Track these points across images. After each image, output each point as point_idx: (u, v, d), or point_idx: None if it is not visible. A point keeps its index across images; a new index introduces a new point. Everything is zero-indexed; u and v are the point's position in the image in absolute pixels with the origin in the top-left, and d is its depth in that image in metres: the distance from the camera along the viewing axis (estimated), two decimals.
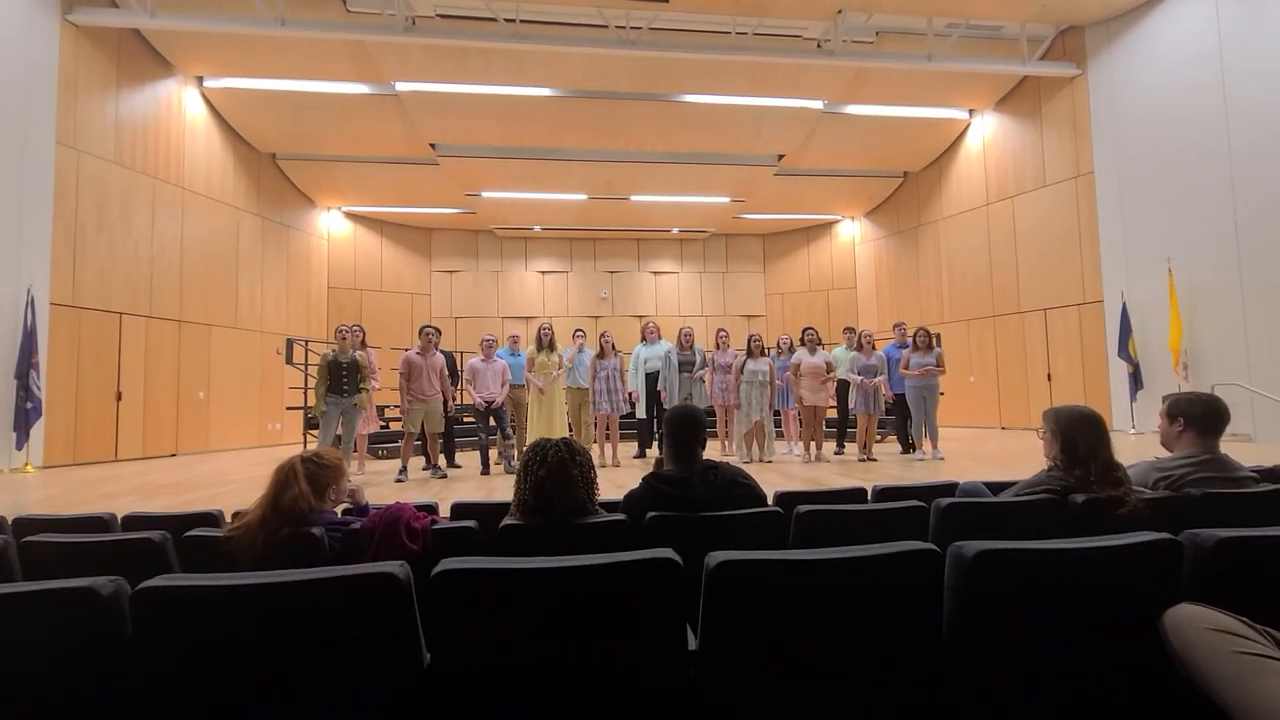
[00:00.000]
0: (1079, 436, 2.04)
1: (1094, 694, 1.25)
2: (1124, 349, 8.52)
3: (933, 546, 1.25)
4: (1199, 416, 2.20)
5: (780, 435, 7.92)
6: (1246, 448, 6.39)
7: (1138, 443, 7.15)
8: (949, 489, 2.48)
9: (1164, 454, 2.29)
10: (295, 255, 11.34)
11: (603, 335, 6.60)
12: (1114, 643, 1.26)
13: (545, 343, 6.80)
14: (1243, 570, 1.32)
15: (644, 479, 1.94)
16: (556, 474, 1.74)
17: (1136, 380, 8.47)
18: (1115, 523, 1.83)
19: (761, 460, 6.46)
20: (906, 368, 6.50)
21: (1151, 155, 8.49)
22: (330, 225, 12.22)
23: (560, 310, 13.54)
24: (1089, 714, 1.24)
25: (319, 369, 5.68)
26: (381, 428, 8.48)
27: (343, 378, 5.60)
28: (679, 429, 2.02)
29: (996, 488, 2.42)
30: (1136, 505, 1.89)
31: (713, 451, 7.43)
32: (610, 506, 2.03)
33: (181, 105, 9.17)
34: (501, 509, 1.97)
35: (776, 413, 7.63)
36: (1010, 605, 1.24)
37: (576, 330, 7.40)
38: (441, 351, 6.84)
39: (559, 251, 13.69)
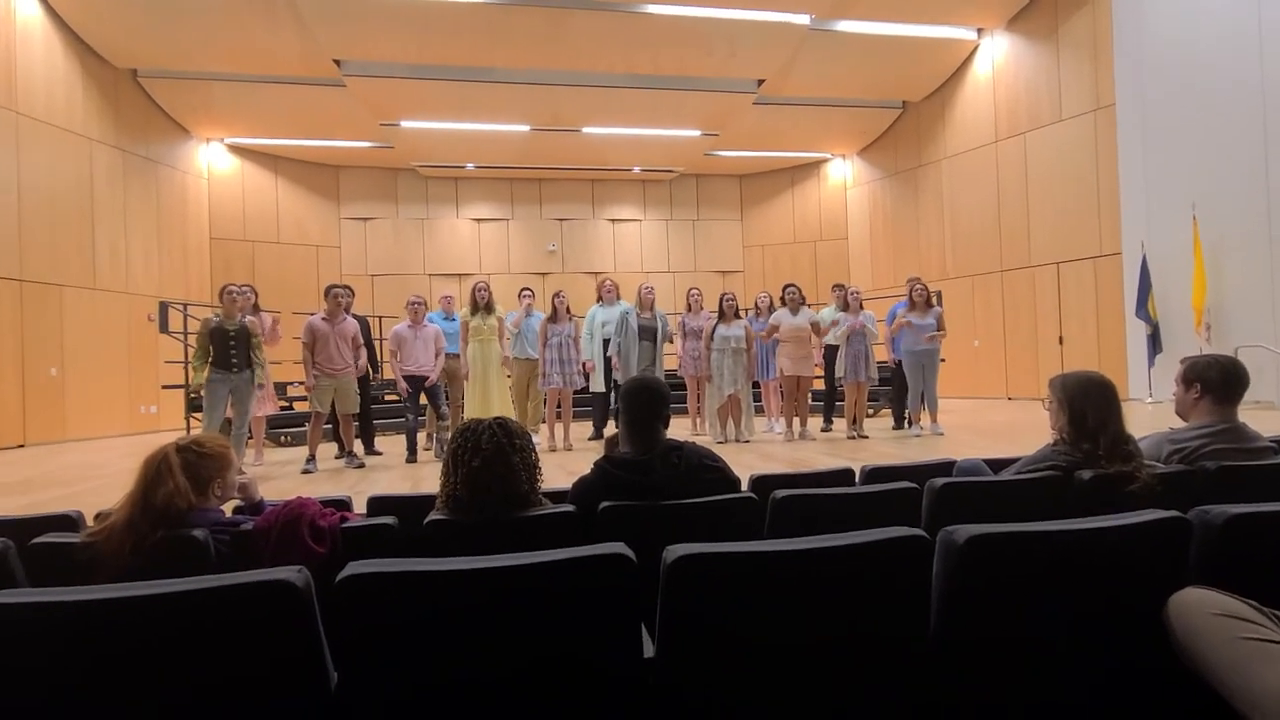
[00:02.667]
0: (1088, 406, 2.12)
1: (1093, 690, 1.32)
2: (1143, 308, 8.89)
3: (919, 532, 1.30)
4: (1216, 382, 2.31)
5: (761, 411, 8.07)
6: (1269, 416, 6.78)
7: (1155, 412, 7.53)
8: (946, 468, 2.56)
9: (1179, 424, 2.42)
10: (168, 199, 10.83)
11: (556, 295, 6.56)
12: (1116, 634, 1.34)
13: (482, 304, 6.72)
14: (1255, 549, 1.41)
15: (596, 463, 1.94)
16: (494, 463, 1.73)
17: (1155, 343, 8.87)
18: (1125, 501, 1.93)
19: (738, 440, 6.58)
20: (902, 329, 6.65)
21: (1178, 86, 8.75)
22: (211, 161, 11.69)
23: (499, 266, 13.36)
24: (1086, 714, 1.32)
25: (198, 338, 5.47)
26: (284, 408, 8.30)
27: (230, 348, 5.40)
28: (636, 404, 2.02)
29: (999, 465, 2.50)
30: (1148, 481, 1.99)
31: (682, 430, 7.52)
32: (558, 496, 2.04)
33: (9, 5, 8.53)
34: (428, 503, 1.95)
35: (756, 385, 7.76)
36: (1003, 595, 1.30)
37: (524, 290, 7.33)
38: (354, 316, 6.67)
39: (497, 195, 13.46)
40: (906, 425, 7.07)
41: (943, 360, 7.19)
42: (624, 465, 1.91)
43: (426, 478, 4.97)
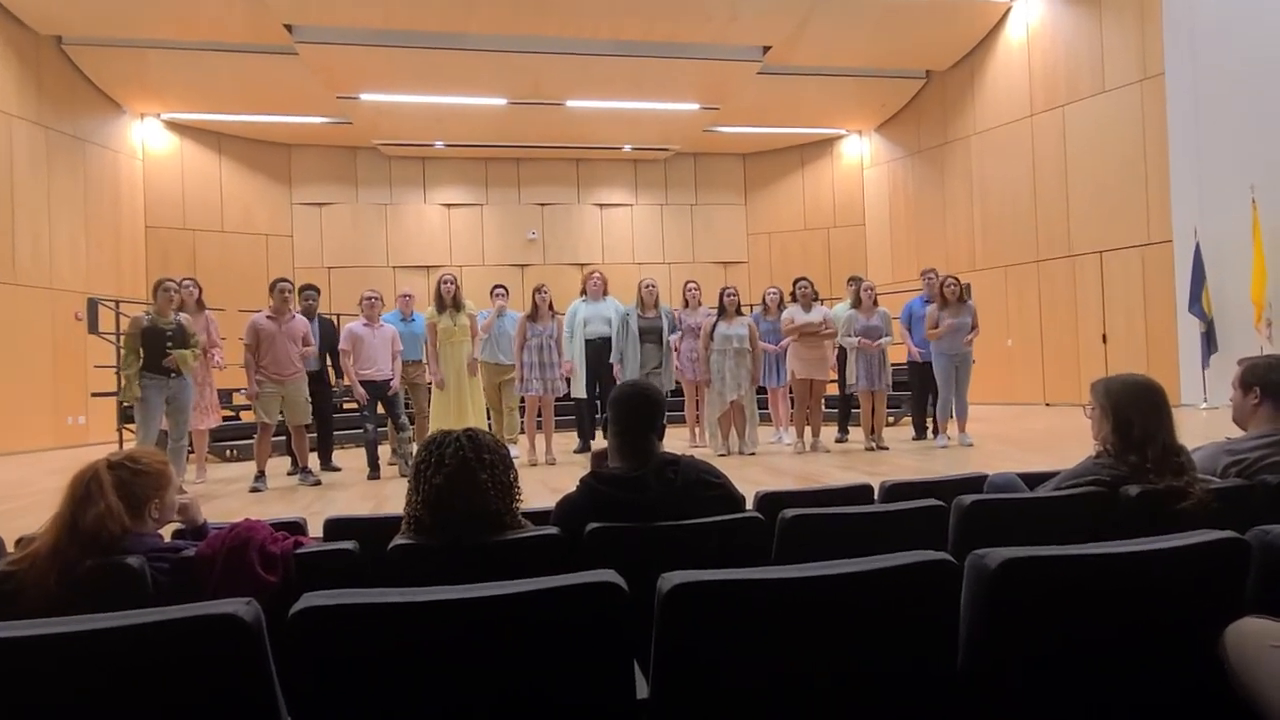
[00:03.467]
0: (1134, 414, 2.14)
1: None
2: (1196, 302, 8.96)
3: (946, 556, 1.30)
4: (1278, 385, 2.33)
5: (768, 420, 8.09)
6: None
7: (1209, 420, 7.59)
8: (975, 483, 2.58)
9: (1237, 433, 2.44)
10: (97, 182, 10.79)
11: (539, 290, 6.57)
12: (1165, 668, 1.35)
13: (448, 301, 6.72)
14: None
15: (582, 480, 1.95)
16: (458, 480, 1.74)
17: (1210, 341, 8.94)
18: (1176, 520, 1.94)
19: (742, 452, 6.60)
20: (935, 328, 6.68)
21: (1236, 54, 8.83)
22: (146, 140, 11.66)
23: (473, 257, 13.38)
24: None
25: (127, 338, 5.44)
26: (229, 419, 8.28)
27: (165, 351, 5.37)
28: (627, 412, 2.02)
29: (1035, 480, 2.52)
30: (1202, 497, 2.01)
31: (679, 442, 7.54)
32: (540, 517, 2.04)
33: None
34: (393, 525, 1.96)
35: (762, 390, 7.78)
36: (1039, 625, 1.31)
37: (496, 288, 7.32)
38: (322, 319, 6.68)
39: (470, 177, 13.48)
40: (932, 435, 7.10)
41: (973, 361, 7.23)
42: (614, 482, 1.91)
43: (391, 496, 4.96)
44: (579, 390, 7.23)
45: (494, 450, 1.84)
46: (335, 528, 2.21)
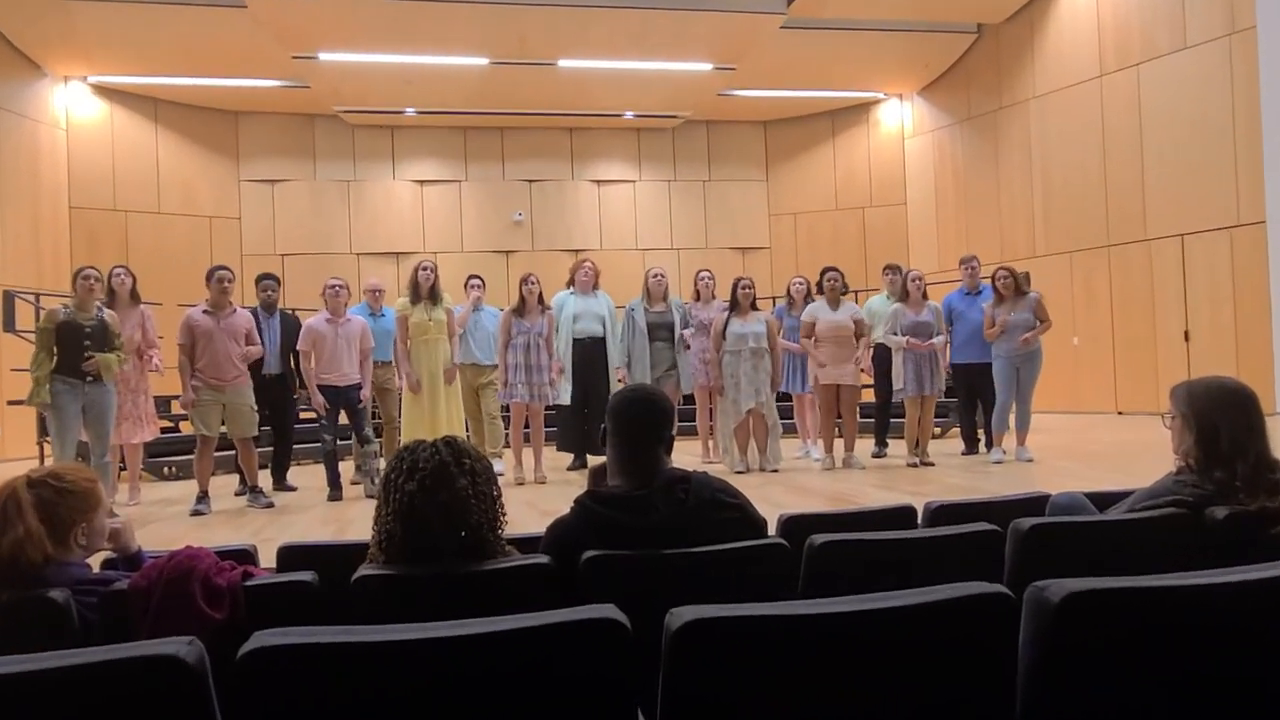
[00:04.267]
0: (1221, 423, 2.14)
1: None
2: None
3: (1000, 589, 1.31)
4: None
5: (793, 431, 8.10)
6: None
7: None
8: (1036, 505, 2.59)
9: None
10: (12, 155, 10.84)
11: (526, 281, 6.59)
12: (1256, 717, 1.35)
13: (425, 291, 6.74)
14: None
15: (577, 501, 1.95)
16: (434, 490, 1.75)
17: None
18: (1270, 545, 1.95)
19: (764, 469, 6.61)
20: (993, 326, 6.68)
21: None
22: (70, 106, 11.71)
23: (450, 242, 13.43)
24: None
25: (39, 335, 5.41)
26: (167, 431, 8.31)
27: (84, 351, 5.36)
28: (629, 422, 2.03)
29: (1105, 501, 2.53)
30: None
31: (691, 457, 7.55)
32: (528, 544, 2.05)
33: None
34: (356, 553, 1.97)
35: (786, 397, 7.78)
36: (1109, 668, 1.32)
37: (471, 278, 7.33)
38: (284, 314, 6.69)
39: (447, 149, 13.53)
40: (985, 449, 7.10)
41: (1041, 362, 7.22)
42: (614, 503, 1.92)
43: (355, 520, 4.98)
44: (563, 396, 7.26)
45: (475, 457, 1.86)
46: (290, 556, 2.22)
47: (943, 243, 13.10)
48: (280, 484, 6.58)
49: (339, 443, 6.23)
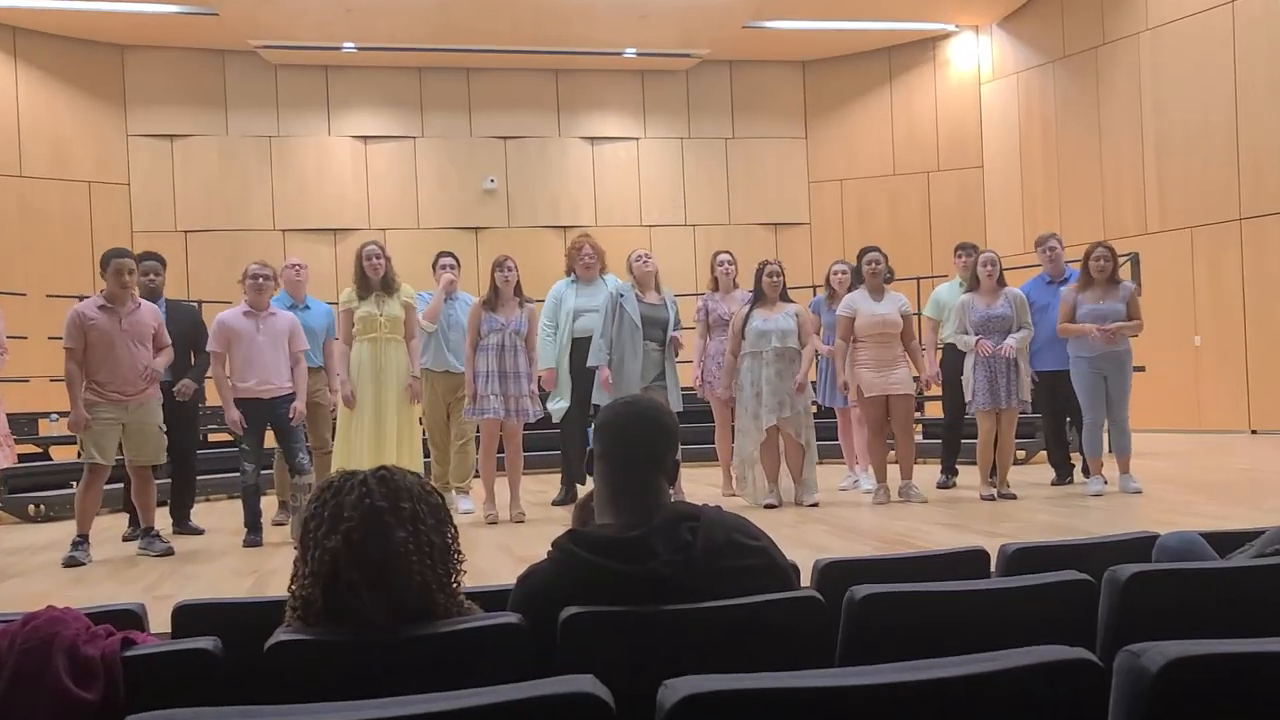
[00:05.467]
0: None
1: None
2: None
3: (1085, 655, 1.30)
4: None
5: (835, 455, 8.08)
6: None
7: None
8: (1140, 548, 2.61)
9: None
10: None
11: (501, 265, 6.57)
12: None
13: (376, 282, 6.73)
14: None
15: (556, 544, 1.96)
16: (363, 546, 1.75)
17: None
18: None
19: (800, 503, 6.63)
20: (1071, 321, 6.67)
21: None
22: None
23: (402, 216, 13.48)
24: None
25: None
26: (30, 459, 8.31)
27: None
28: (622, 444, 2.03)
29: (1229, 542, 2.56)
30: None
31: (706, 486, 7.52)
32: (497, 599, 2.06)
33: None
34: (277, 612, 1.97)
35: (826, 411, 7.75)
36: None
37: (441, 257, 7.33)
38: (178, 305, 6.68)
39: (397, 96, 13.57)
40: (1083, 476, 7.10)
41: (1140, 369, 7.21)
42: (601, 546, 1.92)
43: (279, 570, 4.98)
44: (558, 408, 7.24)
45: (418, 496, 1.85)
46: (189, 617, 2.22)
47: (1029, 216, 13.10)
48: (183, 525, 6.58)
49: (261, 473, 6.23)
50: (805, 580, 2.47)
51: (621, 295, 6.85)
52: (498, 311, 6.52)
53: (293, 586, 1.84)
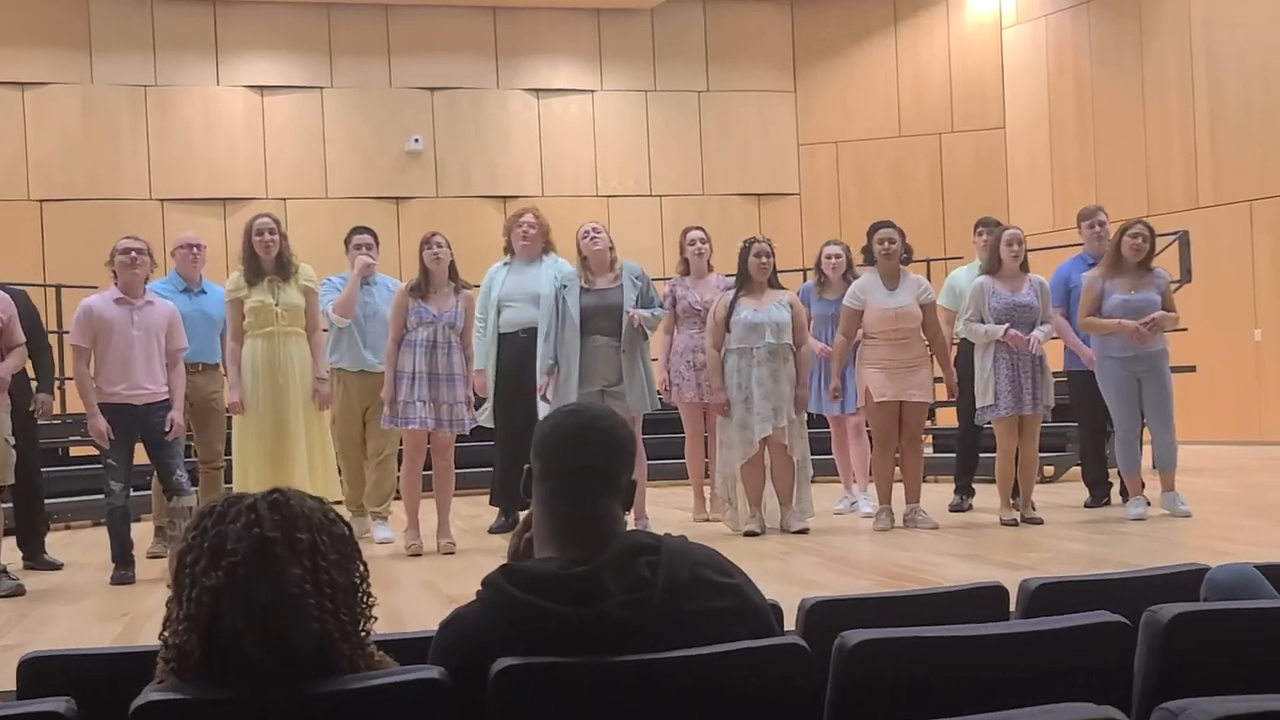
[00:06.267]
0: None
1: None
2: None
3: (1112, 713, 1.32)
4: None
5: (829, 472, 8.11)
6: None
7: None
8: (1186, 583, 2.62)
9: None
10: None
11: (429, 243, 6.51)
12: None
13: (269, 263, 6.67)
14: None
15: (486, 582, 1.95)
16: (250, 587, 1.73)
17: None
18: None
19: (787, 529, 6.65)
20: (1097, 313, 6.70)
21: None
22: None
23: (308, 184, 13.40)
24: None
25: None
26: None
27: None
28: (563, 462, 2.03)
29: None
30: None
31: (676, 513, 7.53)
32: (417, 647, 2.05)
33: None
34: (145, 665, 1.95)
35: (817, 420, 7.77)
36: None
37: (356, 232, 7.28)
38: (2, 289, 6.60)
39: (300, 38, 13.48)
40: (1120, 499, 7.16)
41: (1190, 370, 7.27)
42: (541, 585, 1.91)
43: (154, 613, 4.92)
44: (489, 418, 7.22)
45: (319, 525, 1.83)
46: (38, 672, 2.18)
47: (1059, 187, 13.22)
48: (36, 559, 6.50)
49: (133, 494, 6.17)
50: (789, 623, 2.46)
51: (564, 286, 6.79)
52: (429, 300, 6.46)
53: (165, 634, 1.81)
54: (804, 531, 6.57)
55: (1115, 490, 7.33)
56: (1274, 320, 11.30)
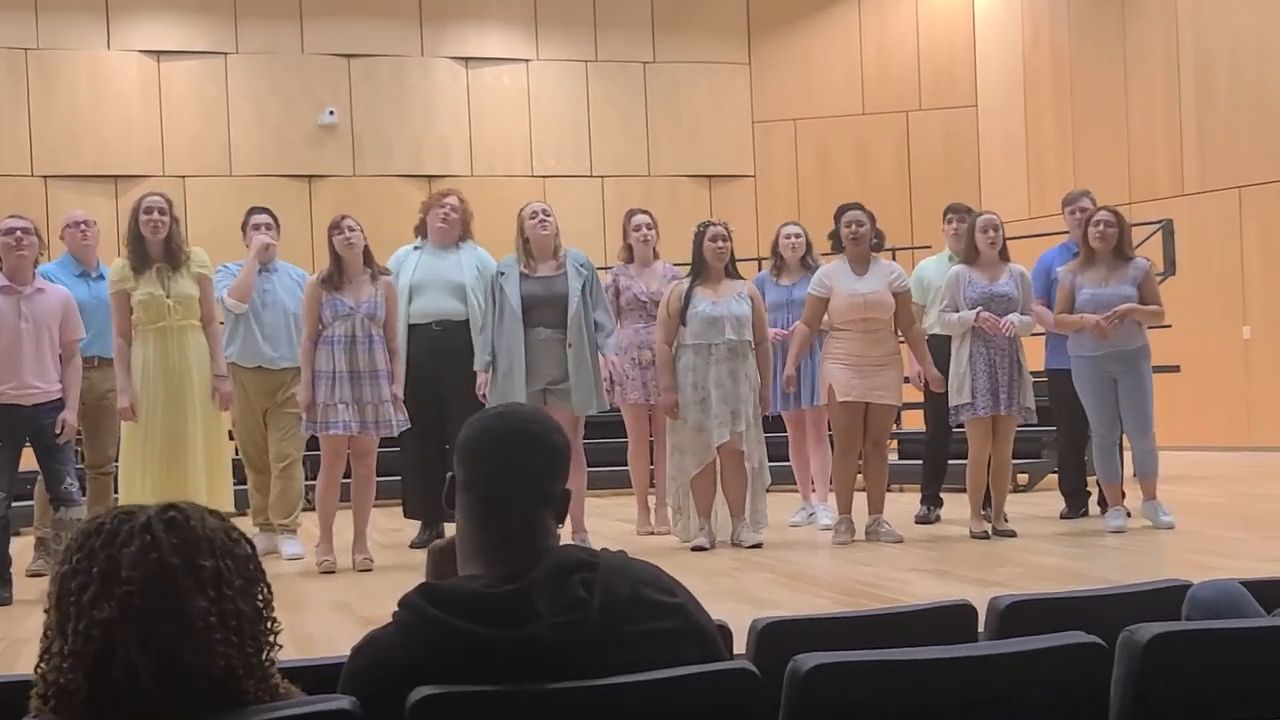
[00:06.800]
0: None
1: None
2: None
3: None
4: None
5: (787, 481, 8.13)
6: None
7: None
8: (1167, 600, 2.65)
9: None
10: None
11: (339, 226, 6.44)
12: None
13: (157, 247, 6.59)
14: None
15: (404, 602, 1.94)
16: (148, 619, 1.70)
17: None
18: None
19: (739, 544, 6.66)
20: (1071, 310, 6.75)
21: None
22: None
23: (210, 160, 13.31)
24: None
25: None
26: None
27: None
28: (490, 468, 2.03)
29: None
30: None
31: (618, 525, 7.53)
32: (327, 675, 2.04)
33: None
34: (19, 697, 1.93)
35: (776, 425, 7.79)
36: None
37: (254, 213, 7.25)
38: None
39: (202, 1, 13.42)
40: (1099, 510, 7.23)
41: (1174, 369, 7.35)
42: (465, 606, 1.90)
43: (31, 639, 4.87)
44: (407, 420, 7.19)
45: (222, 548, 1.80)
46: None
47: (1035, 170, 13.35)
48: None
49: (13, 504, 6.10)
50: (739, 646, 2.47)
51: (502, 273, 6.77)
52: (343, 291, 6.41)
53: (42, 667, 1.78)
54: (757, 546, 6.59)
55: (1093, 500, 7.40)
56: (1264, 316, 11.45)
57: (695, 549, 6.55)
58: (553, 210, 7.05)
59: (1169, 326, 7.58)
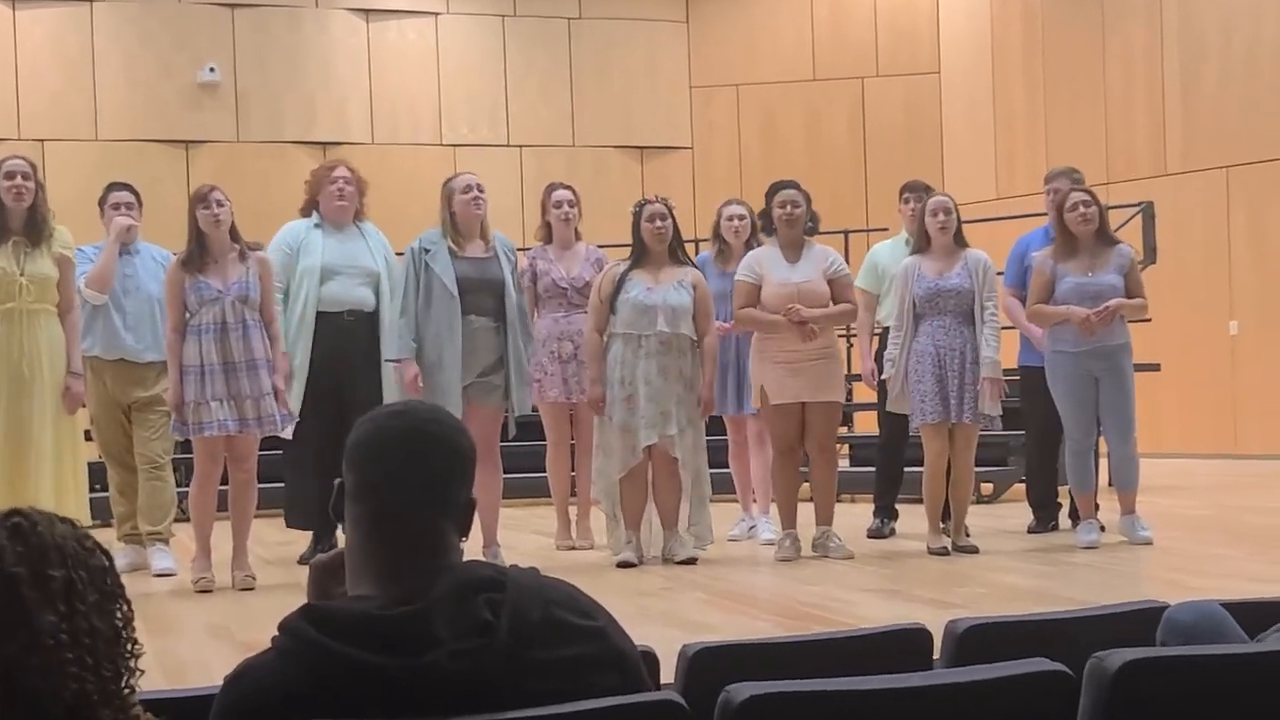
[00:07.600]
0: None
1: None
2: None
3: None
4: None
5: (727, 490, 8.16)
6: None
7: None
8: (1141, 623, 2.69)
9: None
10: None
11: (203, 200, 6.39)
12: None
13: (17, 217, 6.53)
14: None
15: (284, 626, 1.92)
16: None
17: None
18: None
19: (672, 559, 6.69)
20: (1048, 300, 6.80)
21: None
22: None
23: (73, 124, 13.21)
24: None
25: None
26: None
27: None
28: (385, 478, 2.01)
29: (1267, 615, 2.66)
30: None
31: (536, 539, 7.53)
32: (194, 707, 2.02)
33: None
34: None
35: (717, 425, 7.81)
36: None
37: (113, 190, 7.18)
38: None
39: None
40: (1070, 523, 7.31)
41: (1153, 368, 7.43)
42: (356, 631, 1.88)
43: None
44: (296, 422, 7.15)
45: (75, 558, 1.78)
46: None
47: (1004, 144, 13.46)
48: None
49: None
50: (666, 674, 2.47)
51: (427, 250, 6.72)
52: (208, 272, 6.35)
53: None
54: (691, 561, 6.60)
55: (1064, 512, 7.47)
56: (1253, 310, 11.59)
57: (621, 565, 6.56)
58: (480, 185, 7.01)
59: (1149, 320, 7.64)
